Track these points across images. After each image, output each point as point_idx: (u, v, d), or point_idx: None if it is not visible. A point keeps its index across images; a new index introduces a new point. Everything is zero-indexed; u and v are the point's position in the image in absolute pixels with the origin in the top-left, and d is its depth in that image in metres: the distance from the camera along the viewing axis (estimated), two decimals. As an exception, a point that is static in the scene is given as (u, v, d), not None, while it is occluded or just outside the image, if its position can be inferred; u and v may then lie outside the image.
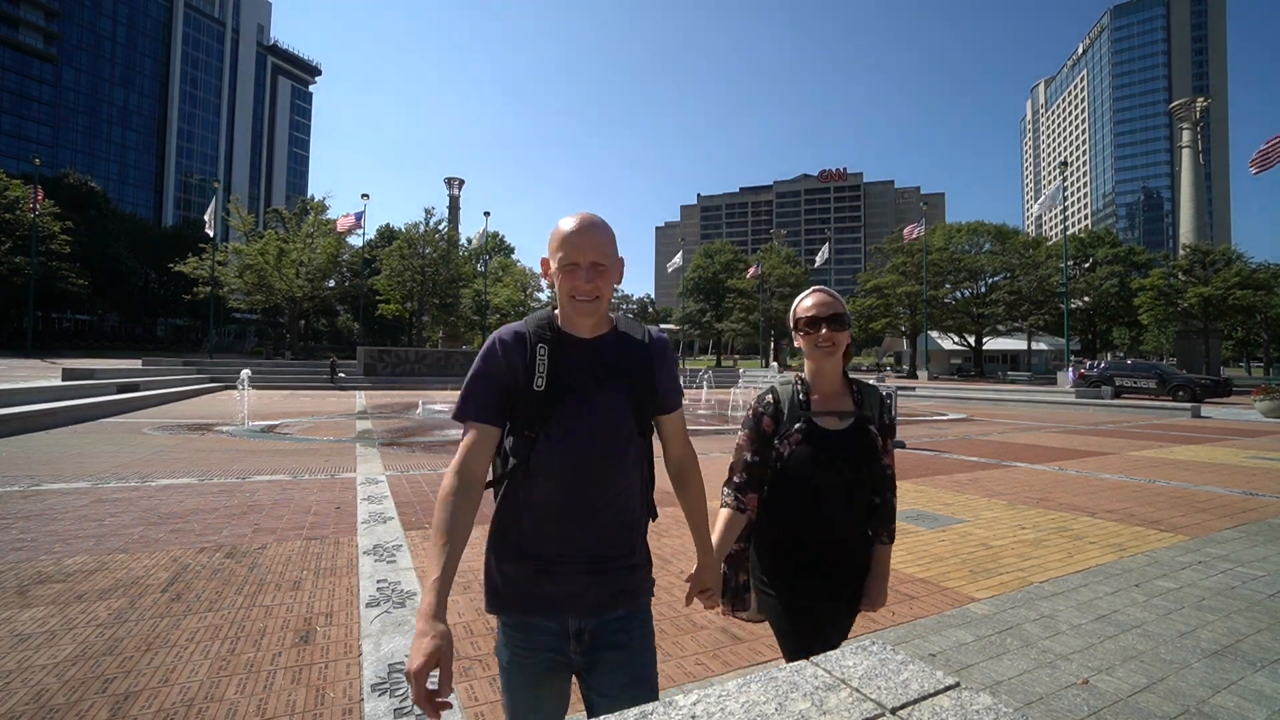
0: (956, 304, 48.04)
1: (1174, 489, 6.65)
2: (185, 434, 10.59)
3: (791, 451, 1.58)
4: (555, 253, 1.28)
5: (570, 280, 1.26)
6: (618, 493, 1.29)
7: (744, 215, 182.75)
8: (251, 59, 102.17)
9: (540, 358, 1.26)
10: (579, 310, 1.28)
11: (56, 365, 24.13)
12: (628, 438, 1.30)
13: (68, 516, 4.88)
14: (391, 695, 2.31)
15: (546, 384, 1.25)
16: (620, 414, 1.29)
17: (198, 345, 59.73)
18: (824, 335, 1.61)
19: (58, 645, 2.69)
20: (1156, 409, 19.32)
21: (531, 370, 1.25)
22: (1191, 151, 43.14)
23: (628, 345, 1.34)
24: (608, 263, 1.28)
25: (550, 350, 1.28)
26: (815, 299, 1.66)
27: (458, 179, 55.24)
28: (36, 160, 35.60)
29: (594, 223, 1.28)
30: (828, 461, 1.56)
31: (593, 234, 1.27)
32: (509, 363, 1.26)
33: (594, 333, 1.32)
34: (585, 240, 1.26)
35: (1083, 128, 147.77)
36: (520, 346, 1.27)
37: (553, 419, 1.24)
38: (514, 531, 1.27)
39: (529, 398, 1.25)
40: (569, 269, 1.26)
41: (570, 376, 1.27)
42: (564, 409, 1.25)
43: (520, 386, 1.26)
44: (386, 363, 30.25)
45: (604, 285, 1.27)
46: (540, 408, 1.24)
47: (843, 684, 0.68)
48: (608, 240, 1.29)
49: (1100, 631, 3.02)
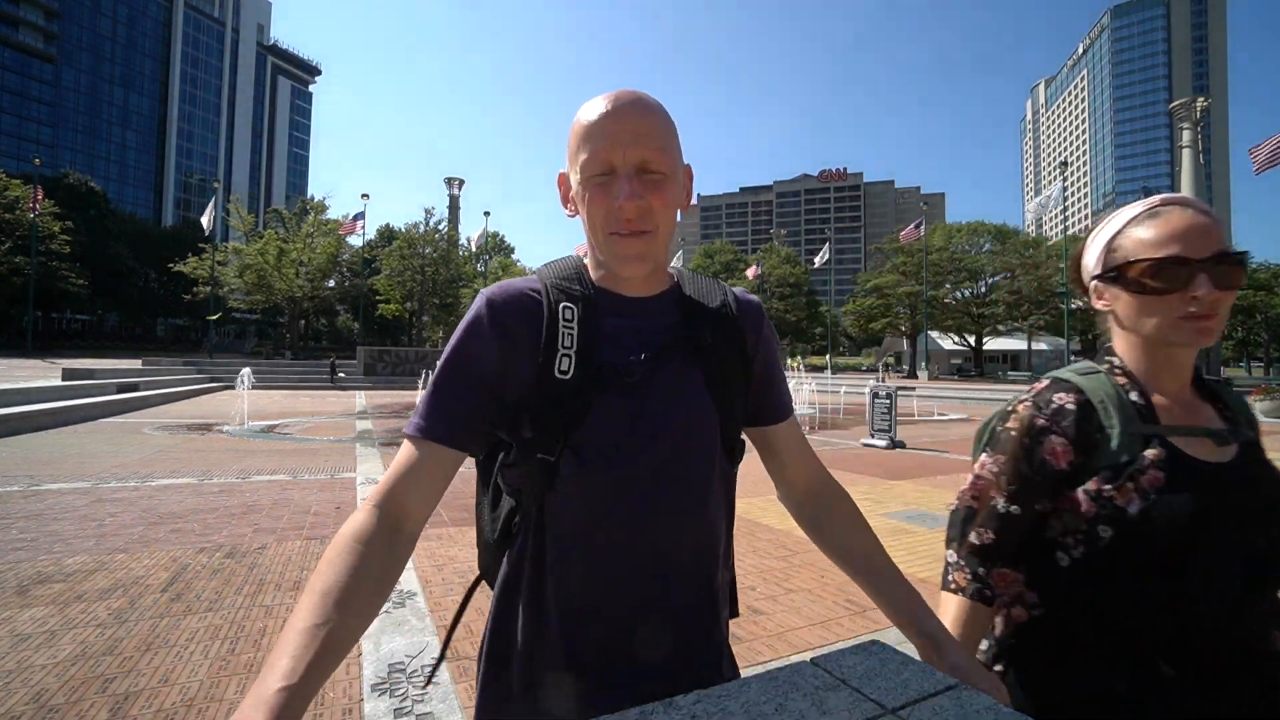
0: (956, 304, 48.09)
1: (1174, 489, 6.65)
2: (185, 434, 10.59)
3: (1151, 504, 0.80)
4: (577, 154, 0.76)
5: (603, 199, 0.74)
6: (698, 544, 0.79)
7: (744, 215, 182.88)
8: (251, 59, 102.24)
9: (566, 326, 0.77)
10: (621, 251, 0.76)
11: (56, 365, 24.14)
12: (709, 455, 0.80)
13: (68, 516, 4.88)
14: (391, 695, 2.31)
15: (576, 367, 0.75)
16: (701, 412, 0.79)
17: (198, 345, 59.75)
18: (1206, 295, 0.81)
19: (58, 645, 2.69)
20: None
21: (552, 346, 0.76)
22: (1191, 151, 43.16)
23: (701, 314, 0.84)
24: (665, 167, 0.74)
25: (582, 313, 0.78)
26: (1179, 219, 0.84)
27: (458, 179, 55.35)
28: (36, 160, 35.66)
29: (639, 98, 0.75)
30: (1220, 520, 0.80)
31: (639, 116, 0.74)
32: (506, 340, 0.77)
33: (648, 289, 0.83)
34: (625, 126, 0.73)
35: (1083, 128, 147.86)
36: (528, 311, 0.78)
37: (587, 426, 0.75)
38: (535, 640, 0.76)
39: (548, 392, 0.75)
40: (600, 182, 0.74)
41: (615, 355, 0.77)
42: (606, 410, 0.75)
43: (528, 376, 0.76)
44: (386, 363, 30.27)
45: (661, 204, 0.75)
46: (566, 407, 0.75)
47: (843, 684, 0.68)
48: (663, 126, 0.75)
49: (1100, 631, 3.02)
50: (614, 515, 0.75)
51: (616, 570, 0.75)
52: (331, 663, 0.55)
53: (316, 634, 0.55)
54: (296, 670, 0.52)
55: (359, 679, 2.45)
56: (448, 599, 3.33)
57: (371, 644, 2.75)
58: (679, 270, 0.91)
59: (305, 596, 0.60)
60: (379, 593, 0.64)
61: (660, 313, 0.83)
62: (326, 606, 0.58)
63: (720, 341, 0.82)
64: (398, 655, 2.64)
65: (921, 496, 6.17)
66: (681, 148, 0.80)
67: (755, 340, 0.87)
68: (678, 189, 0.78)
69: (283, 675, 0.51)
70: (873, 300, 48.32)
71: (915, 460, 8.60)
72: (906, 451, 9.52)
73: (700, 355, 0.81)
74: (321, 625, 0.56)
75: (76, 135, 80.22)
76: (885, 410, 10.00)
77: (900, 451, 9.54)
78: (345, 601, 0.59)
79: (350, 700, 2.30)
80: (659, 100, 0.77)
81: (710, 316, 0.84)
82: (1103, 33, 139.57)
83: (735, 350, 0.84)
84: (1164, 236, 0.84)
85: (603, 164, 0.74)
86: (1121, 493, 0.82)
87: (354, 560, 0.63)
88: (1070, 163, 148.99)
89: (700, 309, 0.84)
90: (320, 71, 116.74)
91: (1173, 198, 0.89)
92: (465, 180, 55.91)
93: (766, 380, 0.89)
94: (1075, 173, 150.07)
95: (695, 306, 0.84)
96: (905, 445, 10.01)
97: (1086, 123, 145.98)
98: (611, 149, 0.73)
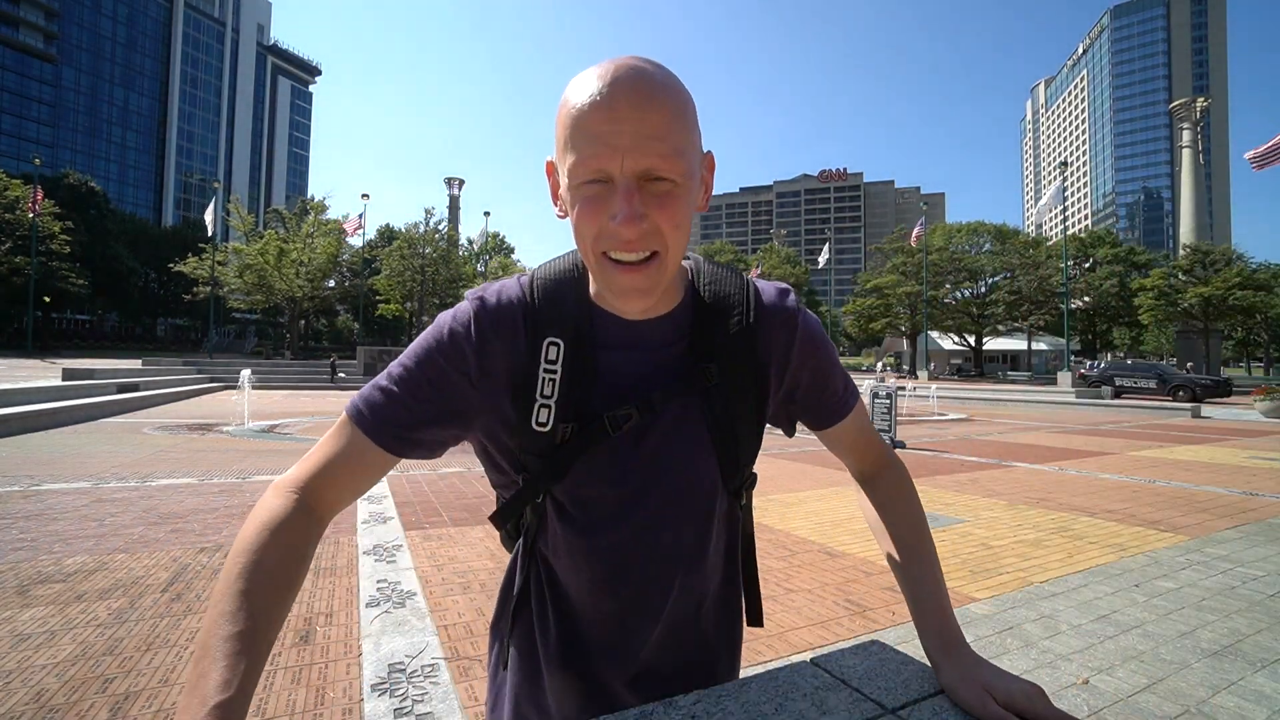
0: (956, 304, 48.09)
1: (1174, 489, 6.65)
2: (185, 434, 10.59)
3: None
4: (565, 151, 0.59)
5: (595, 215, 0.58)
6: (690, 597, 0.74)
7: (744, 215, 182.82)
8: (251, 59, 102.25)
9: (549, 370, 0.66)
10: (617, 283, 0.61)
11: (56, 365, 24.14)
12: (708, 506, 0.73)
13: (68, 516, 4.88)
14: (391, 695, 2.31)
15: (556, 420, 0.66)
16: (700, 463, 0.71)
17: (198, 345, 59.74)
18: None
19: (58, 645, 2.68)
20: (1156, 409, 19.32)
21: (530, 395, 0.67)
22: (1191, 151, 43.17)
23: (712, 341, 0.70)
24: (676, 172, 0.58)
25: (569, 352, 0.67)
26: None
27: (458, 179, 55.38)
28: (36, 160, 35.62)
29: (643, 77, 0.57)
30: None
31: (642, 107, 0.56)
32: (485, 378, 0.67)
33: (654, 310, 0.69)
34: (624, 123, 0.55)
35: (1083, 128, 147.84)
36: (514, 340, 0.68)
37: (566, 483, 0.68)
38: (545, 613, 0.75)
39: (525, 442, 0.68)
40: (592, 192, 0.58)
41: (605, 402, 0.68)
42: (591, 465, 0.68)
43: (508, 417, 0.68)
44: (386, 363, 30.01)
45: (669, 222, 0.59)
46: (546, 459, 0.67)
47: (843, 684, 0.68)
48: (674, 118, 0.58)
49: (1100, 632, 3.01)
50: (596, 571, 0.71)
51: (605, 610, 0.72)
52: (260, 668, 0.52)
53: (245, 639, 0.51)
54: (232, 682, 0.48)
55: (359, 679, 2.45)
56: (448, 599, 3.33)
57: (371, 644, 2.75)
58: (696, 263, 0.76)
59: (227, 596, 0.54)
60: (296, 588, 0.59)
61: (664, 342, 0.70)
62: (253, 609, 0.53)
63: (730, 379, 0.70)
64: (398, 655, 2.64)
65: (921, 496, 6.15)
66: (700, 130, 0.63)
67: (787, 353, 0.74)
68: (692, 196, 0.61)
69: (219, 688, 0.47)
70: (873, 300, 48.32)
71: (915, 460, 8.60)
72: (906, 451, 9.53)
73: (705, 397, 0.70)
74: (249, 631, 0.52)
75: (76, 135, 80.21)
76: (885, 410, 10.01)
77: (900, 451, 9.54)
78: (272, 603, 0.55)
79: (350, 700, 2.30)
80: (669, 72, 0.60)
81: (724, 343, 0.70)
82: (1102, 33, 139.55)
83: (751, 381, 0.72)
84: None
85: (596, 172, 0.57)
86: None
87: (277, 555, 0.58)
88: (1070, 163, 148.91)
89: (712, 333, 0.71)
90: (320, 71, 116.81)
91: None
92: (465, 180, 55.92)
93: (815, 388, 0.77)
94: (1075, 173, 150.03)
95: (707, 330, 0.71)
96: (905, 445, 10.02)
97: (1086, 123, 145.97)
98: (607, 156, 0.56)
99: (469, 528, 4.72)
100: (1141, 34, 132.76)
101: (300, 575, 0.60)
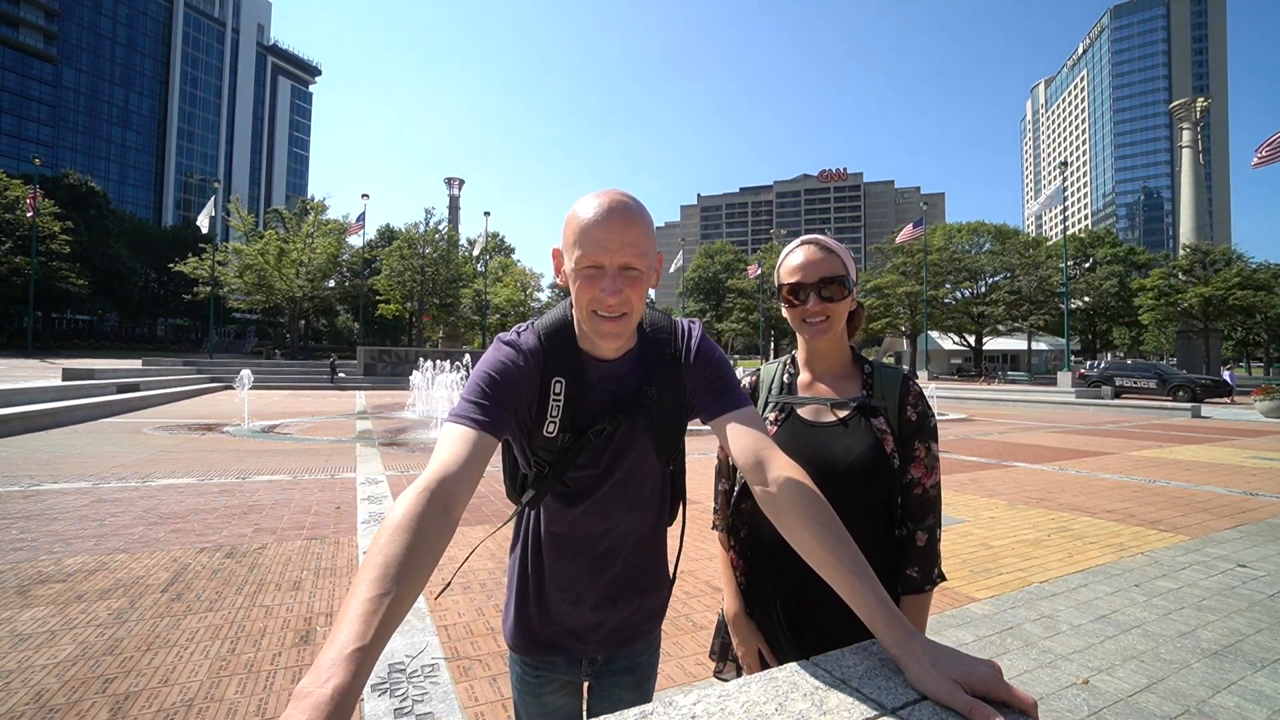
0: (956, 304, 48.06)
1: (1174, 489, 6.65)
2: (185, 434, 10.59)
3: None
4: (571, 248, 0.95)
5: (591, 288, 0.95)
6: (640, 536, 1.14)
7: (744, 215, 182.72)
8: (251, 59, 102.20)
9: (555, 400, 1.02)
10: (602, 330, 0.98)
11: (56, 365, 24.14)
12: (652, 472, 1.12)
13: (68, 516, 4.88)
14: (391, 695, 2.31)
15: (560, 431, 1.03)
16: (646, 449, 1.09)
17: (198, 345, 59.74)
18: (812, 308, 1.20)
19: (58, 645, 2.69)
20: (1156, 409, 19.33)
21: (543, 415, 1.03)
22: (1191, 151, 43.11)
23: (653, 371, 1.08)
24: (643, 266, 0.95)
25: (569, 388, 1.03)
26: (803, 255, 1.22)
27: (458, 179, 55.47)
28: (36, 160, 35.58)
29: (626, 207, 0.94)
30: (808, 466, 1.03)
31: (625, 227, 0.93)
32: (522, 383, 1.00)
33: (618, 351, 1.07)
34: (614, 235, 0.92)
35: (1083, 128, 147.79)
36: (532, 371, 1.02)
37: (571, 470, 1.06)
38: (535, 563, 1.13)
39: (537, 443, 1.05)
40: (589, 274, 0.94)
41: (589, 419, 1.04)
42: (585, 458, 1.06)
43: (529, 420, 1.03)
44: (386, 363, 30.27)
45: (636, 296, 0.96)
46: (555, 455, 1.05)
47: (843, 684, 0.68)
48: (644, 234, 0.95)
49: (1100, 631, 3.02)
50: (586, 524, 1.09)
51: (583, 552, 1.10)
52: (392, 629, 0.62)
53: (381, 602, 0.62)
54: (366, 634, 0.58)
55: (359, 679, 2.45)
56: (448, 599, 3.33)
57: (371, 644, 2.75)
58: (645, 317, 1.10)
59: (366, 569, 0.65)
60: (428, 569, 0.71)
61: (625, 373, 1.07)
62: (388, 578, 0.65)
63: (663, 394, 1.07)
64: (398, 655, 2.64)
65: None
66: (655, 238, 1.00)
67: (690, 363, 1.08)
68: (650, 279, 0.99)
69: (355, 637, 0.57)
70: (873, 300, 48.21)
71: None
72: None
73: (649, 409, 1.07)
74: (384, 595, 0.63)
75: (76, 135, 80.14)
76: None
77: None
78: (402, 575, 0.66)
79: (350, 700, 2.30)
80: (640, 202, 0.97)
81: (659, 370, 1.08)
82: (1102, 33, 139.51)
83: (675, 394, 1.08)
84: (793, 267, 1.24)
85: (593, 260, 0.93)
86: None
87: (409, 539, 0.70)
88: (1070, 163, 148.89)
89: (653, 366, 1.08)
90: (320, 71, 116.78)
91: (806, 238, 1.26)
92: (465, 180, 55.94)
93: (708, 389, 1.07)
94: (1075, 173, 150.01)
95: (650, 363, 1.08)
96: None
97: (1086, 123, 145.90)
98: (602, 254, 0.93)
99: (469, 528, 4.72)
100: (1141, 34, 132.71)
101: (428, 560, 0.72)
